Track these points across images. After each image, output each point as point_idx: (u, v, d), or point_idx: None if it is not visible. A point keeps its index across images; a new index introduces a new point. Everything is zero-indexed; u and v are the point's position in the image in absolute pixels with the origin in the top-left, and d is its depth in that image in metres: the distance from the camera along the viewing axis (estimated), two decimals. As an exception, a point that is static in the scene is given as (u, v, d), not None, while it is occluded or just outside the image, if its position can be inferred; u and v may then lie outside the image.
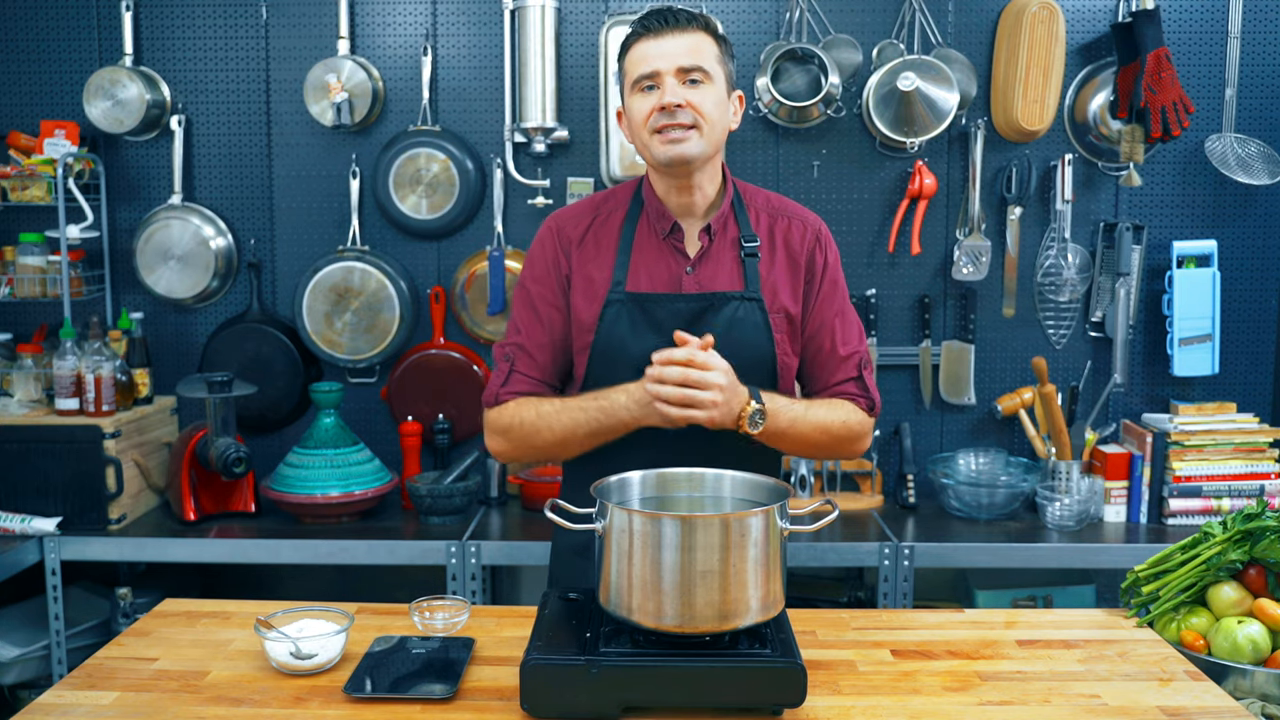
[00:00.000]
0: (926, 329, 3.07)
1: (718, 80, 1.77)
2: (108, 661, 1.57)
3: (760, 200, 1.91)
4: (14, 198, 2.93)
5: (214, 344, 3.09)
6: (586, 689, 1.36)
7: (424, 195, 3.02)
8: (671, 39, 1.75)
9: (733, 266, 1.84)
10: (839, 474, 3.04)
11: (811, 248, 1.87)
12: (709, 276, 1.83)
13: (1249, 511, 1.72)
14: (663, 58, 1.75)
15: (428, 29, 3.05)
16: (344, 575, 3.07)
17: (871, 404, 1.89)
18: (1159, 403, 3.10)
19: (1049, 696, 1.46)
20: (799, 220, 1.89)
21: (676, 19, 1.77)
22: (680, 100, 1.73)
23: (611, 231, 1.87)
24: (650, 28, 1.77)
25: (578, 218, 1.90)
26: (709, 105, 1.75)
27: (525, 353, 1.85)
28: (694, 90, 1.75)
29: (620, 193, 1.92)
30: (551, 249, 1.88)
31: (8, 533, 2.69)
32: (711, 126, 1.76)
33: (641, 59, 1.77)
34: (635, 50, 1.79)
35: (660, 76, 1.75)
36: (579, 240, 1.87)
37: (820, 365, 1.89)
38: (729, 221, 1.86)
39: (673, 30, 1.76)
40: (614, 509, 1.42)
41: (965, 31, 3.01)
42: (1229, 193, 3.04)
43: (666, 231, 1.84)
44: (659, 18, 1.77)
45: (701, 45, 1.77)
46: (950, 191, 3.05)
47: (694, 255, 1.84)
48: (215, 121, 3.10)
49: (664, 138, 1.75)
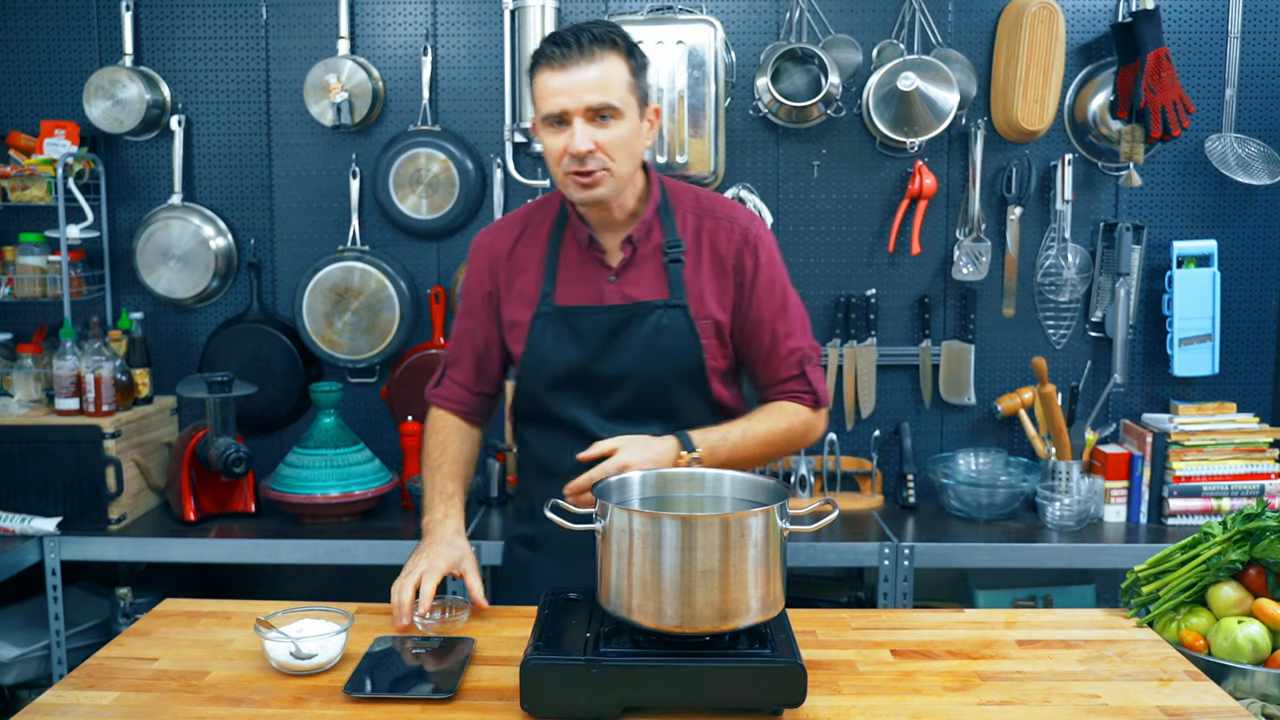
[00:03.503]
0: (926, 329, 3.07)
1: (629, 110, 1.71)
2: (108, 661, 1.57)
3: (689, 201, 1.87)
4: (14, 198, 2.93)
5: (214, 344, 3.09)
6: (586, 689, 1.36)
7: (424, 195, 3.02)
8: (579, 70, 1.67)
9: (657, 274, 1.82)
10: (839, 474, 3.04)
11: (739, 250, 1.84)
12: (632, 285, 1.82)
13: (1249, 511, 1.72)
14: (570, 95, 1.67)
15: (428, 29, 3.05)
16: (344, 575, 3.06)
17: (816, 399, 1.89)
18: (1159, 403, 3.10)
19: (1049, 696, 1.46)
20: (727, 221, 1.85)
21: (581, 45, 1.67)
22: (589, 145, 1.68)
23: (539, 244, 1.88)
24: (555, 57, 1.68)
25: (507, 230, 1.92)
26: (620, 144, 1.71)
27: (454, 360, 1.98)
28: (603, 129, 1.69)
29: (549, 203, 1.92)
30: (478, 264, 1.92)
31: (8, 533, 2.69)
32: (623, 163, 1.73)
33: (549, 94, 1.69)
34: (542, 81, 1.70)
35: (569, 115, 1.68)
36: (508, 254, 1.89)
37: (763, 364, 1.89)
38: (653, 228, 1.84)
39: (580, 60, 1.67)
40: (614, 509, 1.42)
41: (965, 31, 3.01)
42: (1229, 193, 3.04)
43: (586, 243, 1.84)
44: (565, 44, 1.67)
45: (611, 76, 1.68)
46: (950, 191, 3.05)
47: (617, 265, 1.83)
48: (215, 121, 3.10)
49: (576, 181, 1.72)
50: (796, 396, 1.88)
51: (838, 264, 3.08)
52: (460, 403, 1.98)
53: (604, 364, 1.83)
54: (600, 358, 1.82)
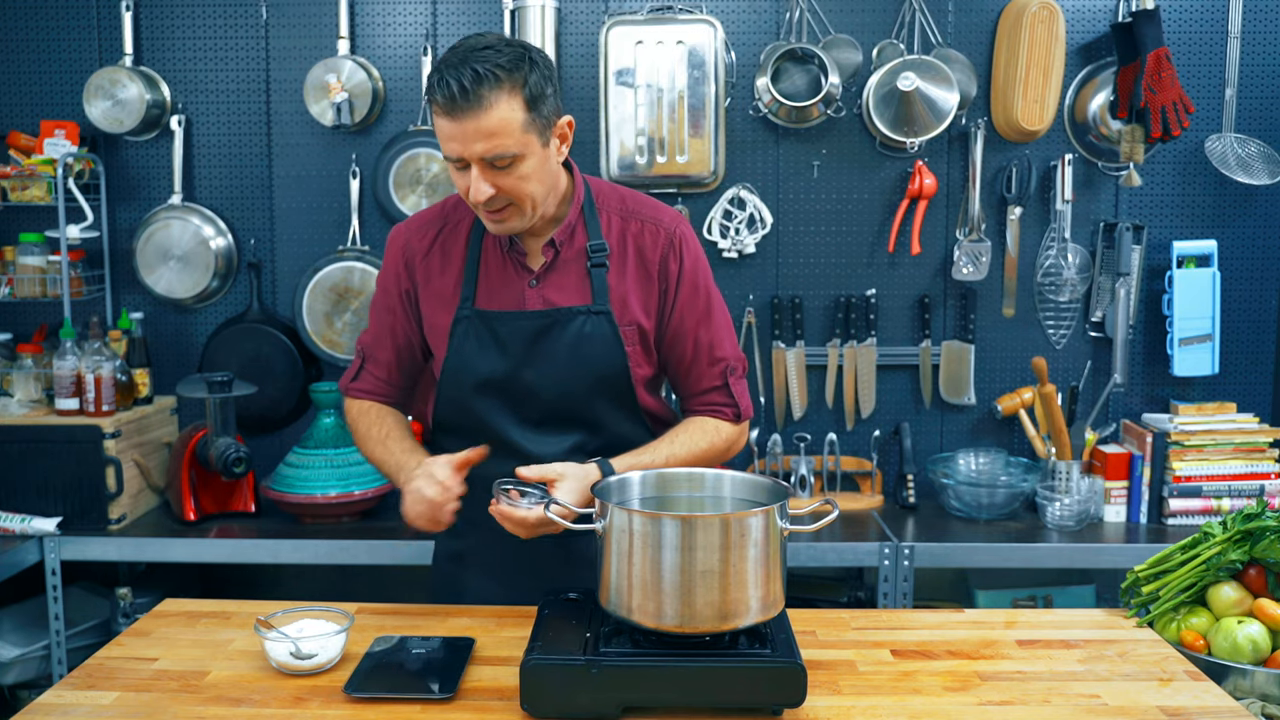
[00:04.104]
0: (926, 329, 3.07)
1: (530, 149, 1.62)
2: (108, 661, 1.57)
3: (614, 203, 1.81)
4: (14, 198, 2.93)
5: (214, 344, 3.09)
6: (586, 689, 1.36)
7: (424, 195, 3.02)
8: (470, 120, 1.56)
9: (580, 278, 1.76)
10: (839, 474, 3.04)
11: (664, 254, 1.78)
12: (554, 290, 1.76)
13: (1249, 511, 1.72)
14: (464, 143, 1.59)
15: (428, 29, 3.05)
16: (344, 575, 3.07)
17: (738, 412, 1.84)
18: (1159, 403, 3.10)
19: (1049, 696, 1.46)
20: (652, 224, 1.79)
21: (467, 94, 1.55)
22: (489, 192, 1.62)
23: (458, 244, 1.81)
24: (443, 105, 1.58)
25: (425, 227, 1.83)
26: (523, 184, 1.63)
27: (371, 354, 1.90)
28: (504, 173, 1.62)
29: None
30: (394, 261, 1.84)
31: (8, 533, 2.69)
32: (531, 195, 1.66)
33: (443, 137, 1.62)
34: (436, 121, 1.62)
35: (465, 160, 1.61)
36: (425, 252, 1.82)
37: (684, 374, 1.84)
38: (577, 230, 1.77)
39: (467, 109, 1.56)
40: (614, 509, 1.42)
41: (965, 31, 3.01)
42: (1229, 193, 3.04)
43: (507, 245, 1.78)
44: (449, 93, 1.56)
45: (503, 122, 1.57)
46: (950, 191, 3.05)
47: (539, 269, 1.77)
48: (215, 121, 3.10)
49: (487, 217, 1.68)
50: (717, 410, 1.83)
51: (838, 264, 3.08)
52: (380, 395, 1.90)
53: (526, 372, 1.76)
54: (523, 365, 1.76)
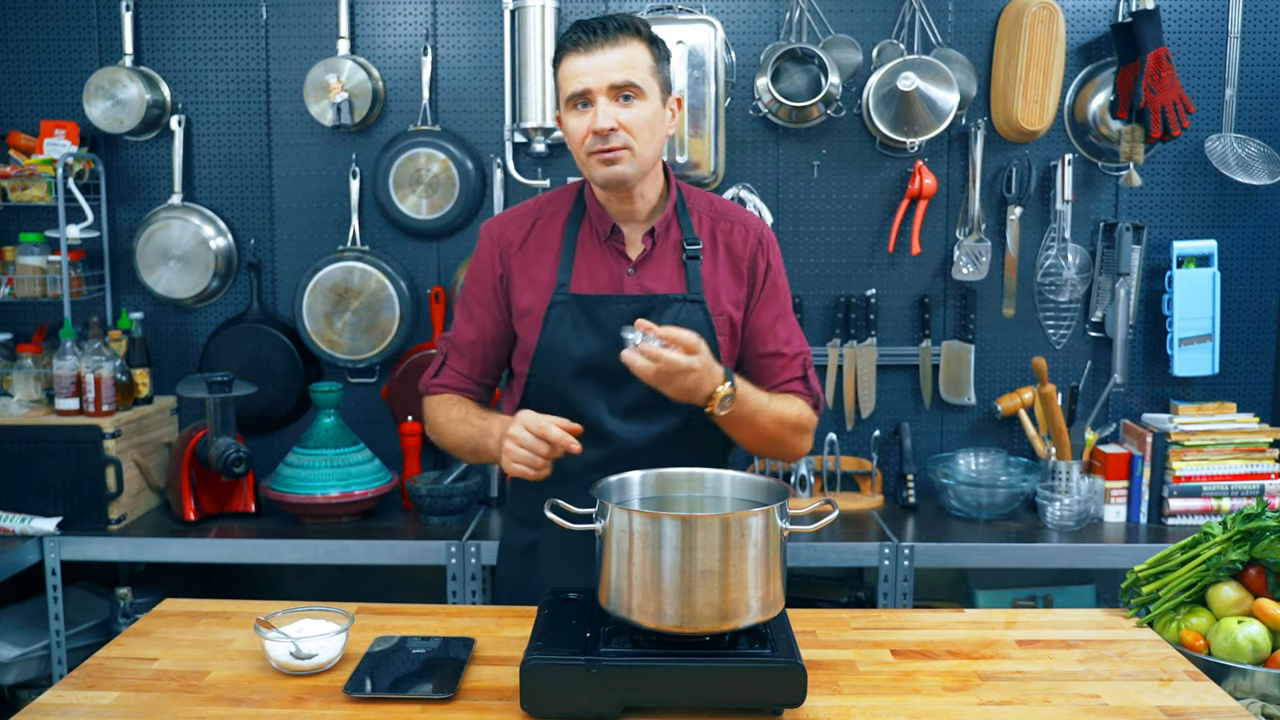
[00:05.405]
0: (926, 329, 3.07)
1: (652, 93, 1.74)
2: (108, 661, 1.57)
3: (703, 204, 1.90)
4: (14, 198, 2.93)
5: (214, 344, 3.09)
6: (586, 689, 1.36)
7: (424, 195, 3.02)
8: (603, 54, 1.71)
9: (675, 269, 1.84)
10: (839, 474, 3.04)
11: (754, 252, 1.88)
12: (651, 278, 1.84)
13: (1249, 511, 1.72)
14: (594, 74, 1.71)
15: (428, 29, 3.05)
16: (344, 575, 3.07)
17: (817, 401, 1.92)
18: (1159, 403, 3.10)
19: (1049, 696, 1.46)
20: (741, 225, 1.89)
21: (607, 30, 1.71)
22: (613, 123, 1.71)
23: (554, 233, 1.87)
24: (580, 41, 1.72)
25: (519, 221, 1.90)
26: (642, 123, 1.73)
27: (456, 349, 1.92)
28: (626, 108, 1.72)
29: (563, 195, 1.92)
30: (489, 253, 1.89)
31: (8, 533, 2.69)
32: (646, 144, 1.75)
33: (573, 75, 1.73)
34: (567, 64, 1.74)
35: (592, 95, 1.71)
36: (520, 243, 1.87)
37: (764, 367, 1.90)
38: (672, 224, 1.86)
39: (604, 43, 1.71)
40: (614, 509, 1.42)
41: (965, 31, 3.01)
42: (1229, 193, 3.04)
43: (607, 234, 1.84)
44: (589, 29, 1.72)
45: (635, 58, 1.72)
46: (950, 191, 3.05)
47: (636, 258, 1.84)
48: (215, 121, 3.10)
49: (599, 159, 1.74)
50: (801, 396, 1.90)
51: (838, 264, 3.08)
52: (462, 391, 1.93)
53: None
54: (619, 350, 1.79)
